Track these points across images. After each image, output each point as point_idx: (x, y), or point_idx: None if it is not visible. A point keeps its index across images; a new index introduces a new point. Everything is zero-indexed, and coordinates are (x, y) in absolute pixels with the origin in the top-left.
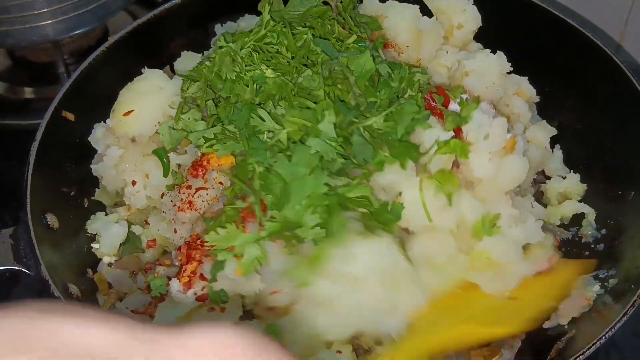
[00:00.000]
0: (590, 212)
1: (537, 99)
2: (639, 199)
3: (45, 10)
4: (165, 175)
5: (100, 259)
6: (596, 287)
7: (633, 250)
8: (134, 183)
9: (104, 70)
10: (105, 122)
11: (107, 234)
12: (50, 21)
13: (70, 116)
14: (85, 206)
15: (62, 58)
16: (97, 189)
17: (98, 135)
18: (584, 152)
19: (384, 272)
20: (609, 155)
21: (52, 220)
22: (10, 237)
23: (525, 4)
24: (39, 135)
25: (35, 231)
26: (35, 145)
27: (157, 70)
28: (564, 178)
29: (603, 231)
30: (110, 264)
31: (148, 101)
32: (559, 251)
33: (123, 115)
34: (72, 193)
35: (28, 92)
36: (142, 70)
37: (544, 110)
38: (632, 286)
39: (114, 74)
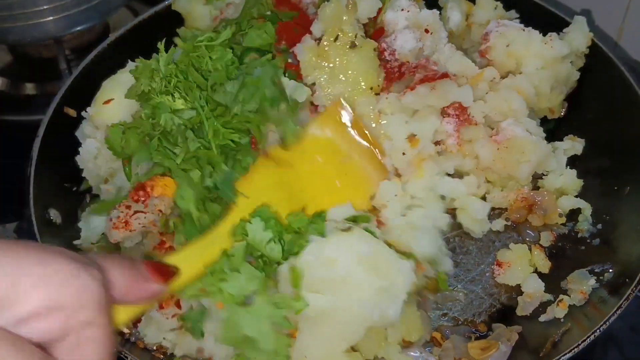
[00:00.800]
0: (586, 208)
1: (534, 98)
2: (634, 194)
3: (47, 7)
4: (129, 179)
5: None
6: (592, 281)
7: (628, 245)
8: (106, 181)
9: (105, 66)
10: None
11: (86, 227)
12: (51, 18)
13: (72, 112)
14: (87, 201)
15: (63, 54)
16: None
17: (82, 129)
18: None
19: (366, 263)
20: (605, 151)
21: (54, 215)
22: (14, 231)
23: (522, 1)
24: (41, 131)
25: (39, 227)
26: (37, 142)
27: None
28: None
29: (599, 226)
30: None
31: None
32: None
33: (102, 104)
34: (74, 188)
35: (30, 88)
36: (126, 63)
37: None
38: (627, 280)
39: (115, 71)
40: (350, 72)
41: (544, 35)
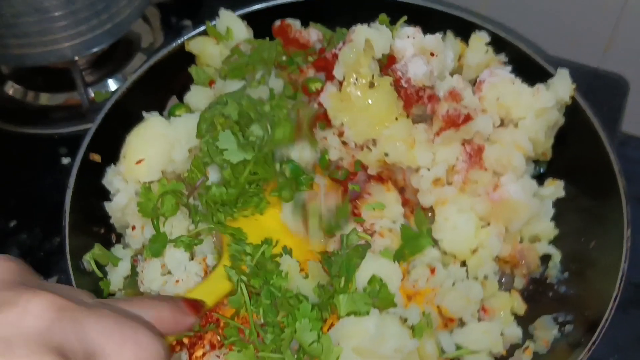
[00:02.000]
0: (556, 254)
1: (532, 154)
2: (599, 249)
3: (64, 34)
4: (157, 231)
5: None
6: (555, 331)
7: (588, 300)
8: (133, 228)
9: (125, 110)
10: (114, 164)
11: (112, 271)
12: (67, 43)
13: (97, 158)
14: (113, 241)
15: (79, 72)
16: None
17: (110, 178)
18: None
19: (403, 355)
20: (579, 204)
21: (87, 263)
22: None
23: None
24: (71, 182)
25: (76, 279)
26: (69, 193)
27: (157, 115)
28: None
29: (566, 274)
30: None
31: (154, 149)
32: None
33: (135, 164)
34: (102, 231)
35: (44, 98)
36: (144, 114)
37: None
38: (583, 340)
39: (133, 113)
40: (372, 109)
41: (528, 83)
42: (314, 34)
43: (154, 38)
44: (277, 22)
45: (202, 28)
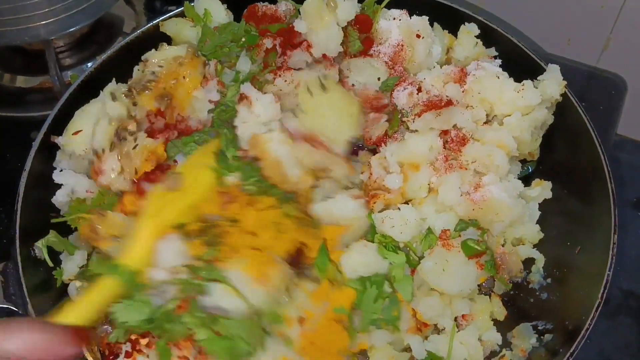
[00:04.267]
0: (539, 259)
1: (516, 153)
2: (585, 254)
3: (38, 12)
4: None
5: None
6: (533, 340)
7: (569, 309)
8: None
9: (93, 87)
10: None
11: (66, 260)
12: (42, 22)
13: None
14: (73, 229)
15: (52, 53)
16: None
17: (59, 158)
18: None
19: None
20: (566, 206)
21: (39, 250)
22: (1, 273)
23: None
24: (28, 164)
25: (23, 266)
26: (24, 175)
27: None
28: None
29: (548, 280)
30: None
31: (97, 125)
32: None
33: (72, 134)
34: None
35: (21, 81)
36: (101, 91)
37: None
38: (561, 350)
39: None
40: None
41: (520, 78)
42: (282, 5)
43: (137, 22)
44: (245, 11)
45: (179, 9)
